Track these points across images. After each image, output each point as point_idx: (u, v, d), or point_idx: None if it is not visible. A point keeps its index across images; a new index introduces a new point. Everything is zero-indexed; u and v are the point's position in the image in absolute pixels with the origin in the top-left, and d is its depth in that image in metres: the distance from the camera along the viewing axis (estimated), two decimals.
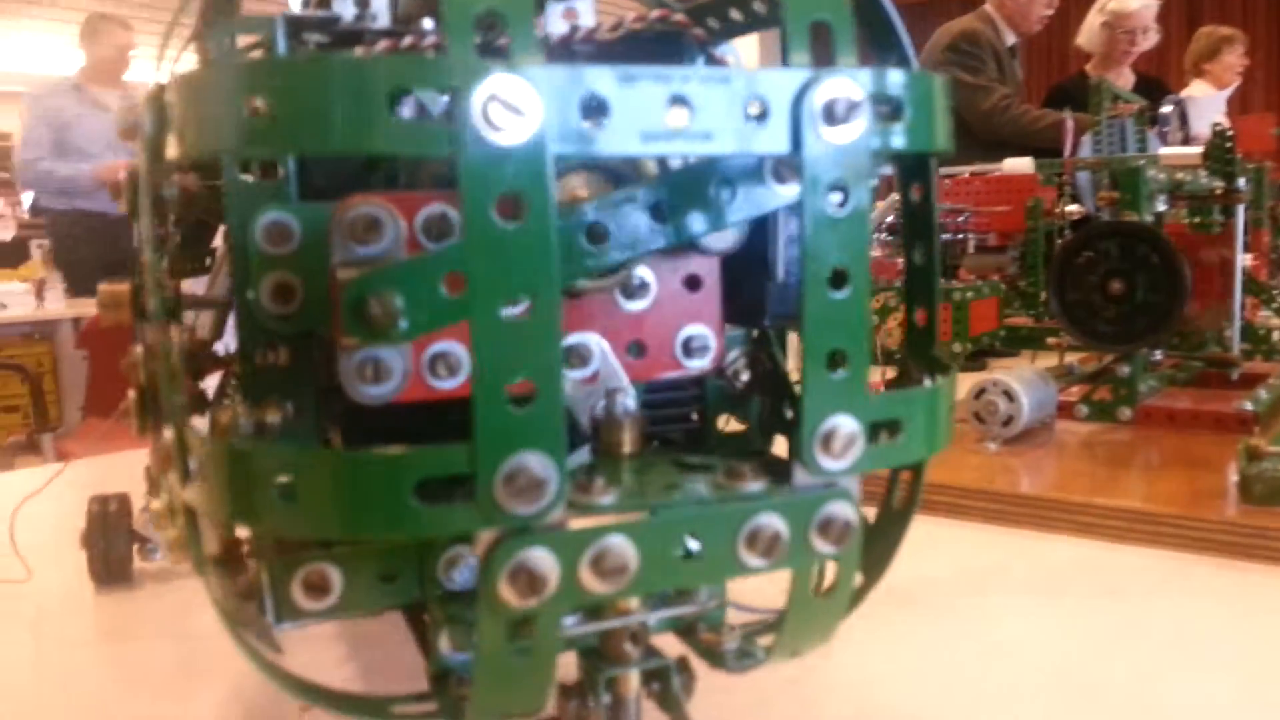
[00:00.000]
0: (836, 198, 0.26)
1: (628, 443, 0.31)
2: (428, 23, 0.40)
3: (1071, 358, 1.21)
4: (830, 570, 0.30)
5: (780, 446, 0.42)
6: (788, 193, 0.31)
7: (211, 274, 0.47)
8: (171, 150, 0.25)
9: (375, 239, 0.31)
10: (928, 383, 0.34)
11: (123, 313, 0.38)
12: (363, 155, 0.32)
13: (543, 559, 0.24)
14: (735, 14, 0.38)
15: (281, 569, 0.31)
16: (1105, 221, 0.96)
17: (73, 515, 0.64)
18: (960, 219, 1.50)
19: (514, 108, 0.23)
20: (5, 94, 6.09)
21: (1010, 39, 2.82)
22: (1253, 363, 1.16)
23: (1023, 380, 0.89)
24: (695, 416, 0.42)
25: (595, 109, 0.24)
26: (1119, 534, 0.69)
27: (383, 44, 0.38)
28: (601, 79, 0.24)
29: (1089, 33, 2.93)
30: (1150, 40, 3.09)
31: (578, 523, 0.25)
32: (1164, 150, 1.70)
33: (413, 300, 0.27)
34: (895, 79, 0.27)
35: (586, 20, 0.44)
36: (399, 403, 0.31)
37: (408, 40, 0.38)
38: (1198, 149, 1.44)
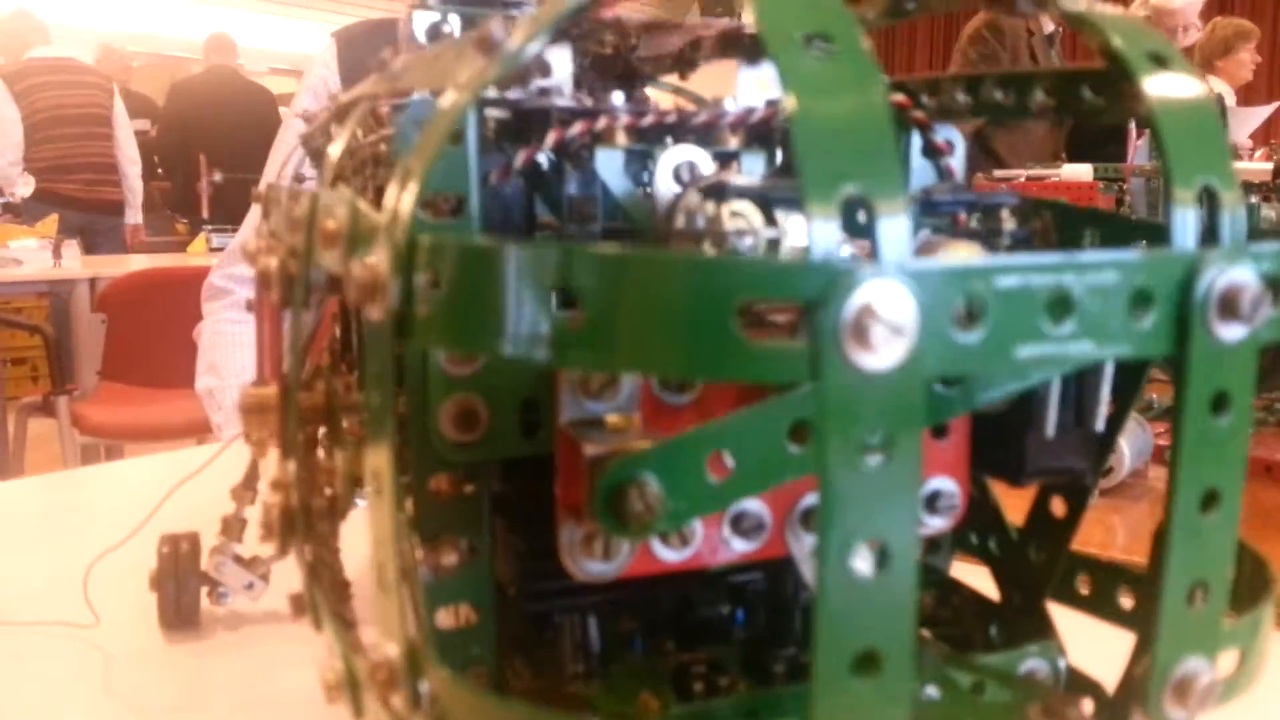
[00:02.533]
0: (1218, 406, 0.22)
1: None
2: (616, 97, 0.35)
3: (1150, 390, 1.17)
4: None
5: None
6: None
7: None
8: (426, 337, 0.20)
9: (611, 394, 0.26)
10: None
11: (269, 419, 0.34)
12: (701, 379, 0.27)
13: None
14: (1001, 96, 0.33)
15: None
16: None
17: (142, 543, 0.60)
18: None
19: (892, 324, 0.18)
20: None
21: (1049, 27, 2.76)
22: None
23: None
24: None
25: (968, 315, 0.19)
26: None
27: (577, 127, 0.33)
28: (977, 276, 0.19)
29: None
30: (1191, 38, 3.02)
31: None
32: (1235, 165, 1.65)
33: (675, 489, 0.23)
34: None
35: (775, 91, 0.39)
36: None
37: (601, 123, 0.33)
38: (1266, 165, 1.39)
